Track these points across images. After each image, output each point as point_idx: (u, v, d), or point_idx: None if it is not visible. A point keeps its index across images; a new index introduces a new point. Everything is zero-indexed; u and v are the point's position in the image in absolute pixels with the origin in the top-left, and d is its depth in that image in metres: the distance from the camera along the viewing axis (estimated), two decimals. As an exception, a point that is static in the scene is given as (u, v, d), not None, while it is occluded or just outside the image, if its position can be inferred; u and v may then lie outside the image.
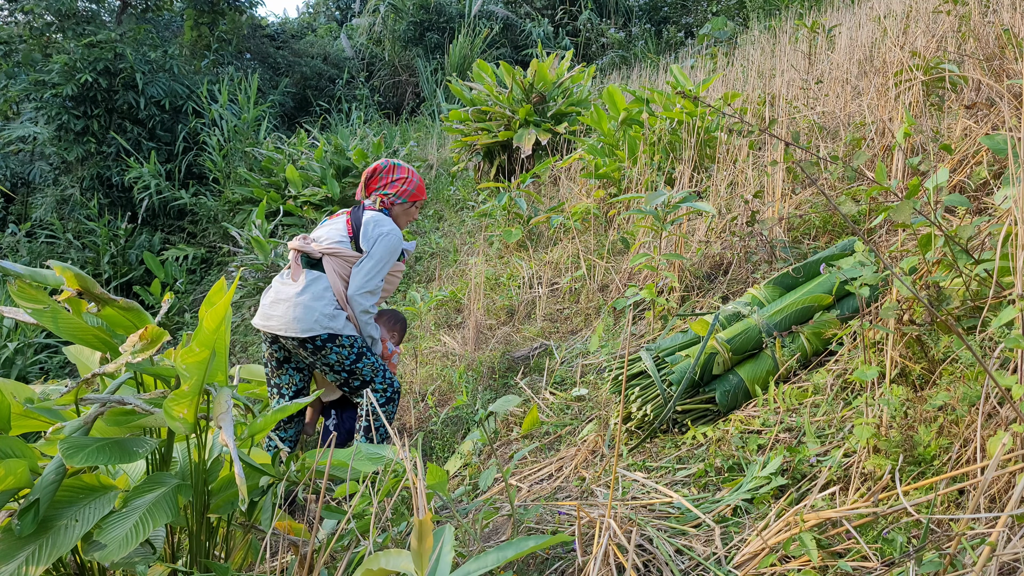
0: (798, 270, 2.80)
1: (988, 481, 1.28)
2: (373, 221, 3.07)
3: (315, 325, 2.89)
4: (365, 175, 3.25)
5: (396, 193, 3.20)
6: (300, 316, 2.88)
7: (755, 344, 2.54)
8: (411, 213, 3.29)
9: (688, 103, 4.44)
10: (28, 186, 11.54)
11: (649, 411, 2.47)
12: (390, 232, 3.06)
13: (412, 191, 3.23)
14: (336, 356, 2.96)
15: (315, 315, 2.89)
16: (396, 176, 3.22)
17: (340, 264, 3.02)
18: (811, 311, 2.61)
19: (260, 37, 14.69)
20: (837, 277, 2.50)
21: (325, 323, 2.90)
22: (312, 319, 2.89)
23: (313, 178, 8.46)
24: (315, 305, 2.91)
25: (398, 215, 3.24)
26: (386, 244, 3.04)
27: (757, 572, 1.54)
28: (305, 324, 2.88)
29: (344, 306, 2.99)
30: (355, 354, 3.00)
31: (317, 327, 2.89)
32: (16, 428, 1.65)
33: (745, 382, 2.49)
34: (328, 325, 2.90)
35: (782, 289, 2.79)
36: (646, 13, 13.79)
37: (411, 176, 3.24)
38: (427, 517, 1.21)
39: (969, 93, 3.51)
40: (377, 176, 3.23)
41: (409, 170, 3.25)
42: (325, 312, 2.91)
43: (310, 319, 2.89)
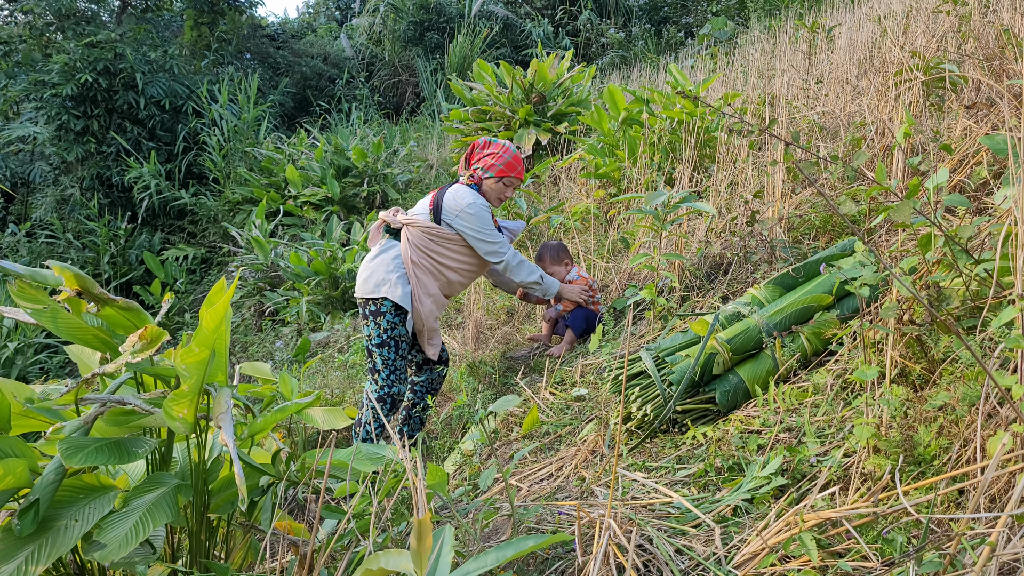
0: (798, 270, 2.80)
1: (988, 481, 1.28)
2: (452, 194, 3.21)
3: (373, 287, 3.10)
4: (467, 151, 3.40)
5: (484, 167, 3.28)
6: (365, 277, 3.14)
7: (755, 344, 2.54)
8: (500, 189, 3.32)
9: (688, 103, 4.44)
10: (28, 186, 11.54)
11: (649, 411, 2.47)
12: (472, 202, 3.19)
13: (500, 166, 3.27)
14: (369, 329, 3.11)
15: (376, 277, 3.11)
16: (488, 151, 3.32)
17: (417, 234, 3.18)
18: (811, 311, 2.61)
19: (260, 37, 14.68)
20: (837, 277, 2.50)
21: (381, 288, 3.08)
22: (373, 281, 3.12)
23: (313, 178, 8.45)
24: (379, 269, 3.13)
25: (487, 190, 3.31)
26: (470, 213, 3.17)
27: (757, 572, 1.54)
28: (367, 286, 3.12)
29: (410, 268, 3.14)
30: (379, 338, 3.11)
31: (375, 289, 3.09)
32: (16, 428, 1.65)
33: (745, 382, 2.49)
34: (382, 291, 3.08)
35: (782, 289, 2.79)
36: (646, 13, 13.79)
37: (503, 152, 3.29)
38: (427, 517, 1.21)
39: (969, 93, 3.51)
40: (473, 152, 3.36)
41: (504, 147, 3.31)
42: (386, 278, 3.10)
43: (371, 281, 3.12)
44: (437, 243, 3.23)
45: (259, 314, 7.34)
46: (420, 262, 3.20)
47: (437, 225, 3.20)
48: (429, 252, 3.22)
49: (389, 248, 3.22)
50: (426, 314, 3.21)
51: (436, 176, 9.11)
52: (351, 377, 4.55)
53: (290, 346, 6.09)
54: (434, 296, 3.24)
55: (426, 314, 3.21)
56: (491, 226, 3.25)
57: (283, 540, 1.80)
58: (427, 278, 3.21)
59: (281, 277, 7.08)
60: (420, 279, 3.18)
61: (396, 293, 3.10)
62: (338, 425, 2.57)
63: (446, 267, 3.26)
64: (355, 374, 4.58)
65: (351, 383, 4.39)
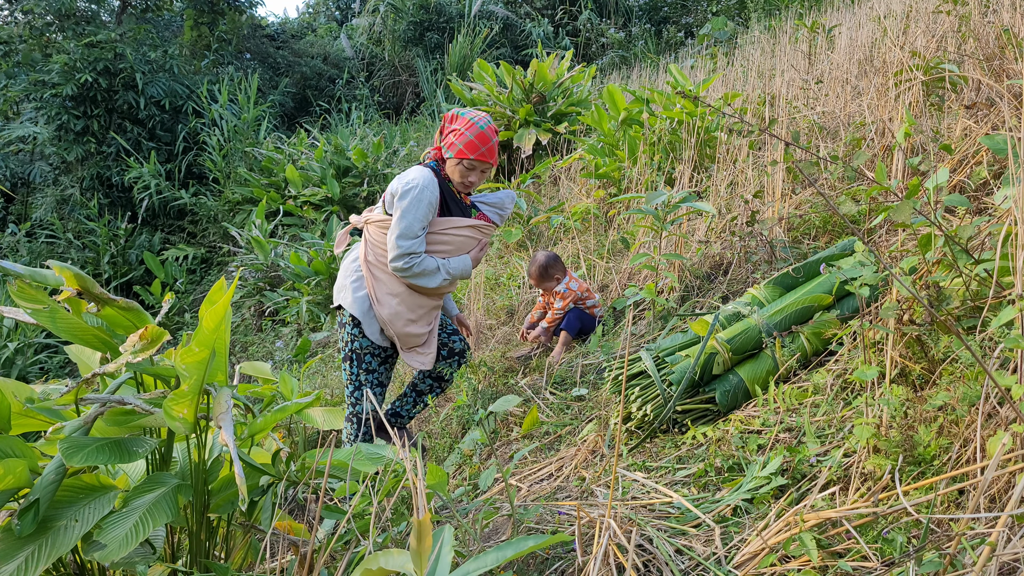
0: (798, 270, 2.80)
1: (988, 481, 1.28)
2: (399, 176, 2.83)
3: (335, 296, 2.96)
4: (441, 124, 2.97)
5: (446, 146, 2.85)
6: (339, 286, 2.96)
7: (755, 344, 2.54)
8: (462, 172, 2.83)
9: (688, 103, 4.44)
10: (28, 186, 11.54)
11: (649, 411, 2.47)
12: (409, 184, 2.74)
13: (460, 145, 2.79)
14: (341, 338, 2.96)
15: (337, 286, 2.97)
16: (453, 126, 2.85)
17: (374, 231, 2.88)
18: (811, 311, 2.61)
19: (260, 37, 14.69)
20: (837, 277, 2.50)
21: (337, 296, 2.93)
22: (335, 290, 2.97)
23: (313, 178, 8.46)
24: (340, 276, 2.97)
25: (449, 171, 2.87)
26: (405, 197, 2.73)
27: (757, 572, 1.54)
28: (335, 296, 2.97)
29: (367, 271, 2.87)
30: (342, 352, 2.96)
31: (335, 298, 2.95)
32: (16, 428, 1.65)
33: (745, 382, 2.49)
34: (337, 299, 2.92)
35: (782, 289, 2.79)
36: (646, 13, 13.79)
37: (467, 128, 2.80)
38: (426, 517, 1.21)
39: (969, 93, 3.51)
40: (444, 127, 2.92)
41: (470, 122, 2.81)
42: (343, 283, 2.92)
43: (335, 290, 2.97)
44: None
45: (259, 314, 7.34)
46: (377, 260, 2.86)
47: (388, 216, 2.82)
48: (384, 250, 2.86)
49: (350, 251, 3.03)
50: (389, 316, 2.84)
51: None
52: (351, 377, 4.55)
53: (290, 346, 6.10)
54: (400, 295, 2.85)
55: (389, 316, 2.84)
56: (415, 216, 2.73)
57: (283, 540, 1.80)
58: (388, 277, 2.85)
59: (281, 277, 7.08)
60: (380, 279, 2.85)
61: (347, 299, 2.85)
62: (338, 425, 2.58)
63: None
64: (355, 374, 4.58)
65: (351, 383, 4.39)
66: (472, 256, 2.95)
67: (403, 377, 4.21)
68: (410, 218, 2.73)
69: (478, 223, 2.94)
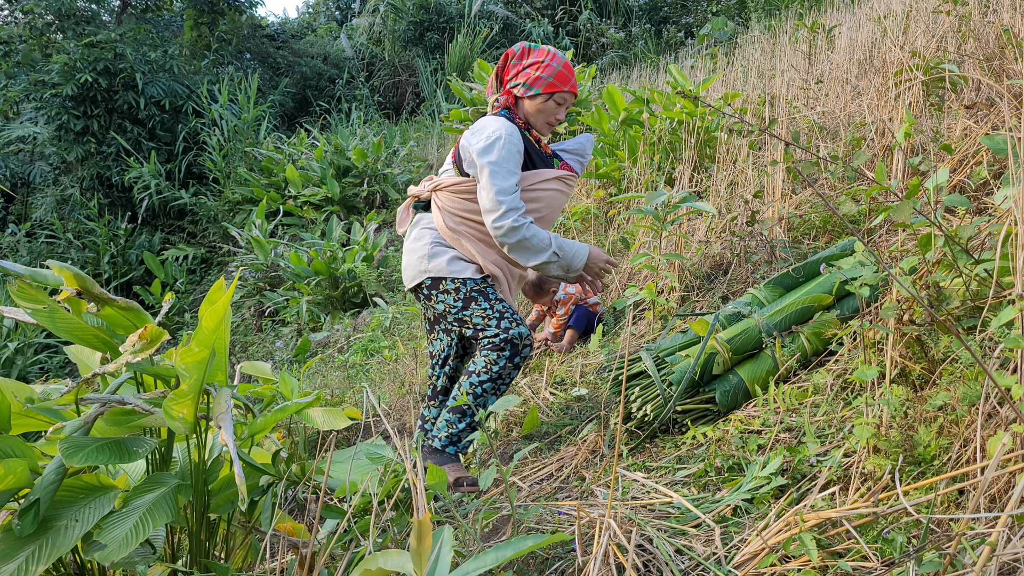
0: (798, 270, 2.80)
1: (988, 481, 1.28)
2: (471, 131, 2.46)
3: (416, 272, 2.54)
4: (496, 67, 2.57)
5: (527, 82, 2.46)
6: (406, 264, 2.60)
7: (755, 344, 2.54)
8: (551, 110, 2.51)
9: (688, 103, 4.44)
10: (28, 186, 11.54)
11: (649, 411, 2.47)
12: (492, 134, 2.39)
13: (548, 78, 2.45)
14: (443, 305, 2.51)
15: (413, 260, 2.55)
16: (530, 60, 2.48)
17: (447, 197, 2.53)
18: (811, 311, 2.61)
19: (260, 37, 14.69)
20: (837, 277, 2.51)
21: (423, 266, 2.51)
22: (412, 266, 2.56)
23: (313, 178, 8.46)
24: (414, 248, 2.56)
25: (530, 113, 2.51)
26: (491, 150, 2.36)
27: (757, 572, 1.54)
28: (409, 272, 2.58)
29: (454, 241, 2.52)
30: (461, 300, 2.48)
31: (417, 273, 2.53)
32: (16, 428, 1.65)
33: (745, 382, 2.49)
34: (425, 268, 2.51)
35: (782, 289, 2.79)
36: (646, 13, 13.79)
37: (551, 60, 2.47)
38: (426, 517, 1.21)
39: (969, 93, 3.51)
40: (508, 66, 2.53)
41: (551, 53, 2.49)
42: (421, 254, 2.53)
43: (412, 267, 2.56)
44: (470, 200, 2.49)
45: (259, 314, 7.34)
46: (460, 229, 2.52)
47: (465, 177, 2.49)
48: (467, 216, 2.51)
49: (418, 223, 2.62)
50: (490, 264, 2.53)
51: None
52: (351, 377, 4.55)
53: (290, 346, 6.10)
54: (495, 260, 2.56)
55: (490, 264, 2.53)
56: (508, 167, 2.38)
57: (283, 540, 1.80)
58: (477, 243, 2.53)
59: (281, 277, 7.08)
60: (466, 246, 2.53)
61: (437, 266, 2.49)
62: (338, 425, 2.57)
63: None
64: (355, 374, 4.58)
65: (351, 383, 4.39)
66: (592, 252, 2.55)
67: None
68: (504, 171, 2.36)
69: (564, 174, 2.59)
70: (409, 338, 4.77)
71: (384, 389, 4.08)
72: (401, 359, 4.39)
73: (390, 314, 5.25)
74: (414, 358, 4.27)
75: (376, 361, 4.63)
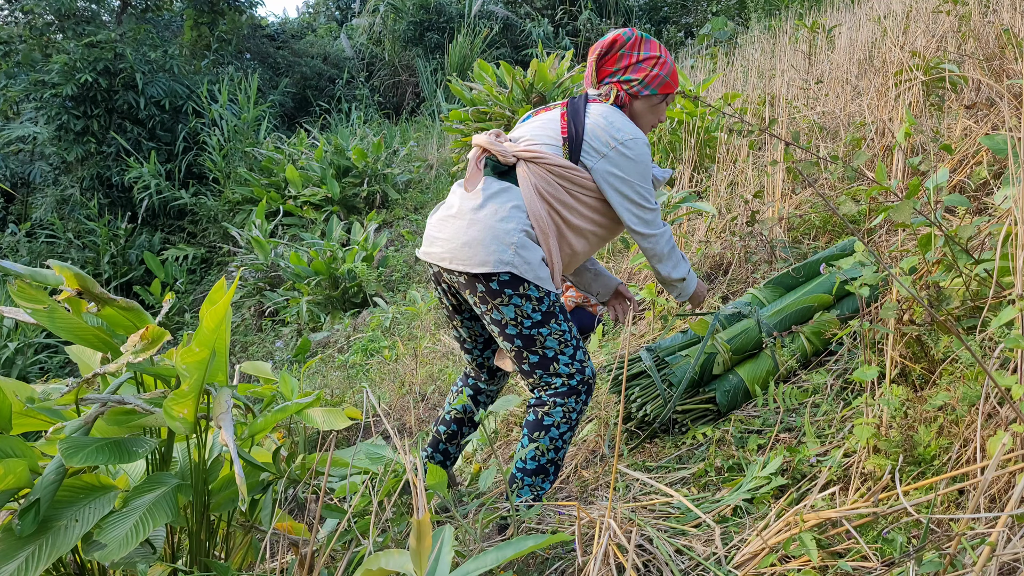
0: (798, 270, 2.80)
1: (988, 481, 1.28)
2: (602, 117, 2.06)
3: (494, 258, 1.95)
4: (599, 50, 2.15)
5: (643, 79, 2.12)
6: (475, 240, 1.96)
7: (755, 344, 2.54)
8: (659, 112, 2.21)
9: (688, 103, 4.44)
10: (28, 186, 11.54)
11: (649, 411, 2.47)
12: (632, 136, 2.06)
13: (665, 78, 2.13)
14: (515, 311, 1.98)
15: (490, 240, 1.96)
16: (645, 54, 2.12)
17: (542, 175, 2.02)
18: (811, 311, 2.61)
19: (260, 37, 14.69)
20: (837, 277, 2.51)
21: (507, 256, 1.95)
22: (488, 248, 1.95)
23: (313, 178, 8.46)
24: (495, 226, 1.97)
25: (640, 114, 2.17)
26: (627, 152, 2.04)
27: (757, 572, 1.54)
28: (481, 253, 1.95)
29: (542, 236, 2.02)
30: (542, 312, 1.99)
31: (496, 260, 1.95)
32: (16, 428, 1.65)
33: (745, 382, 2.49)
34: (510, 260, 1.95)
35: (782, 289, 2.79)
36: (646, 13, 13.79)
37: (665, 56, 2.16)
38: (426, 517, 1.21)
39: (969, 93, 3.51)
40: (616, 54, 2.13)
41: (663, 48, 2.18)
42: (510, 240, 1.96)
43: (486, 248, 1.95)
44: (568, 191, 2.05)
45: (259, 314, 7.34)
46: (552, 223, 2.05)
47: (573, 165, 2.04)
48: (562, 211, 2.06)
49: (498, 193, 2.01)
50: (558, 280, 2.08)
51: (436, 176, 9.11)
52: (351, 377, 4.55)
53: (290, 346, 6.10)
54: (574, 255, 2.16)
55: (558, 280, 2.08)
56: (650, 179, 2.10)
57: (283, 540, 1.80)
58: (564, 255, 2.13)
59: (281, 277, 7.08)
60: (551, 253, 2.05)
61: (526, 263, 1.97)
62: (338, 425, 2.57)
63: (574, 230, 2.09)
64: (355, 374, 4.58)
65: (351, 383, 4.39)
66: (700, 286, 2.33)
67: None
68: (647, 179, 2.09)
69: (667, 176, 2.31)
70: (409, 338, 4.77)
71: (384, 389, 4.08)
72: (401, 359, 4.39)
73: (390, 314, 5.25)
74: (414, 358, 4.27)
75: (376, 361, 4.63)
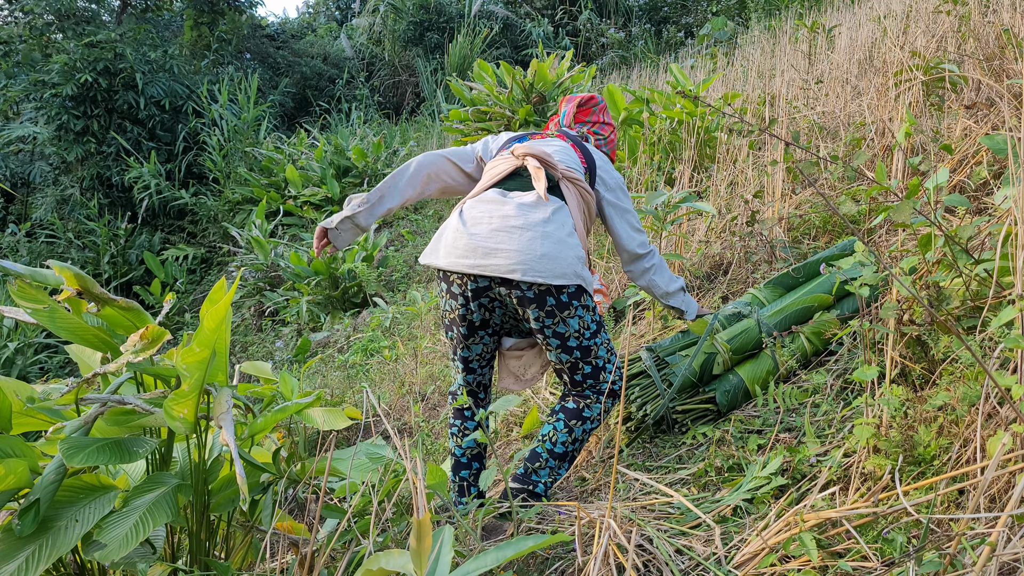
0: (798, 270, 2.80)
1: (988, 481, 1.28)
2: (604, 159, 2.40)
3: (570, 269, 2.01)
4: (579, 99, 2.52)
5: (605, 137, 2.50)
6: (552, 253, 1.99)
7: (755, 344, 2.54)
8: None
9: (688, 103, 4.44)
10: (28, 186, 11.54)
11: (649, 411, 2.47)
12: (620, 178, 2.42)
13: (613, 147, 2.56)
14: (579, 322, 2.07)
15: (570, 255, 2.03)
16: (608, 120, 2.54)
17: (580, 196, 2.20)
18: (811, 311, 2.61)
19: (260, 37, 14.68)
20: (837, 277, 2.51)
21: (579, 269, 2.04)
22: (567, 260, 2.02)
23: (313, 178, 8.46)
24: (563, 239, 2.04)
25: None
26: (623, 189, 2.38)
27: (757, 572, 1.54)
28: (559, 266, 2.00)
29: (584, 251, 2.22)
30: (596, 323, 2.14)
31: (572, 273, 2.02)
32: (17, 427, 1.65)
33: (745, 382, 2.49)
34: (581, 273, 2.05)
35: (782, 289, 2.79)
36: (646, 13, 13.79)
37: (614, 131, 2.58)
38: (426, 516, 1.21)
39: (969, 93, 3.51)
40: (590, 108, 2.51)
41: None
42: (577, 253, 2.06)
43: (565, 260, 2.01)
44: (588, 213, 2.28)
45: (259, 314, 7.34)
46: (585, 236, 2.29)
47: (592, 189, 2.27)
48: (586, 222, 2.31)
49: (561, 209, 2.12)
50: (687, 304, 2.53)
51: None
52: (351, 377, 4.55)
53: (290, 346, 6.10)
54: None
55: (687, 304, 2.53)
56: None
57: (283, 540, 1.80)
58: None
59: (281, 277, 7.08)
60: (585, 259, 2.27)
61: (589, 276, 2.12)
62: (338, 425, 2.57)
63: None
64: (355, 374, 4.58)
65: (351, 383, 4.39)
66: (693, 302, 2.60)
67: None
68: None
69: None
70: (409, 338, 4.77)
71: (384, 389, 4.08)
72: (401, 359, 4.39)
73: (390, 314, 5.26)
74: (414, 358, 4.27)
75: (376, 361, 4.63)
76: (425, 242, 6.99)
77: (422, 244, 6.97)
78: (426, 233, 7.33)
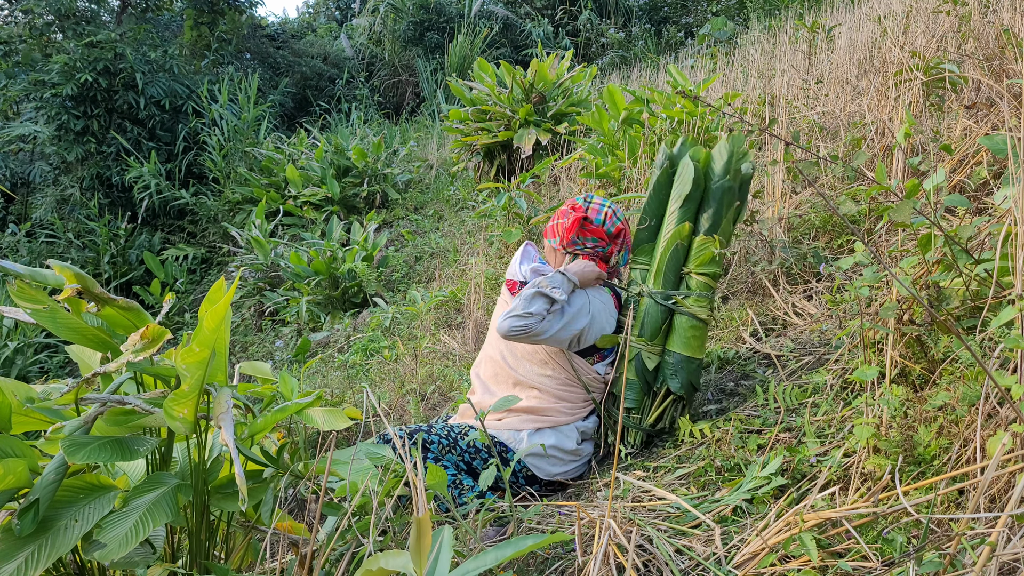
0: (643, 220, 2.60)
1: (988, 481, 1.28)
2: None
3: None
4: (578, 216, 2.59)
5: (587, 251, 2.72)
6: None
7: (663, 316, 2.46)
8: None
9: (688, 103, 4.44)
10: (28, 186, 11.54)
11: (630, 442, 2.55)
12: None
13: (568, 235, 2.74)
14: None
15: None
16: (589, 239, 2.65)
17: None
18: (681, 249, 2.48)
19: (260, 37, 14.68)
20: (690, 165, 2.42)
21: None
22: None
23: (313, 178, 8.45)
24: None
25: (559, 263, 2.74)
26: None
27: (757, 572, 1.54)
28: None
29: None
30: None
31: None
32: (16, 427, 1.65)
33: (683, 354, 2.44)
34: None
35: (649, 247, 2.59)
36: (646, 13, 13.79)
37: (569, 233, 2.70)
38: (426, 516, 1.21)
39: (969, 93, 3.51)
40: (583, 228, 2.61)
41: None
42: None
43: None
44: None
45: (259, 314, 7.34)
46: None
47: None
48: None
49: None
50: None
51: (436, 176, 9.11)
52: (351, 377, 4.55)
53: (290, 346, 6.09)
54: None
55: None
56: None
57: (283, 540, 1.80)
58: None
59: (281, 277, 7.08)
60: None
61: None
62: (338, 426, 2.57)
63: None
64: (355, 374, 4.58)
65: (351, 383, 4.39)
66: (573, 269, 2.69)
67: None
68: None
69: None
70: (409, 338, 4.77)
71: (384, 389, 4.08)
72: (401, 359, 4.39)
73: (390, 314, 5.25)
74: (414, 358, 4.27)
75: (376, 361, 4.63)
76: (424, 242, 6.98)
77: (422, 244, 6.97)
78: (425, 233, 7.32)
